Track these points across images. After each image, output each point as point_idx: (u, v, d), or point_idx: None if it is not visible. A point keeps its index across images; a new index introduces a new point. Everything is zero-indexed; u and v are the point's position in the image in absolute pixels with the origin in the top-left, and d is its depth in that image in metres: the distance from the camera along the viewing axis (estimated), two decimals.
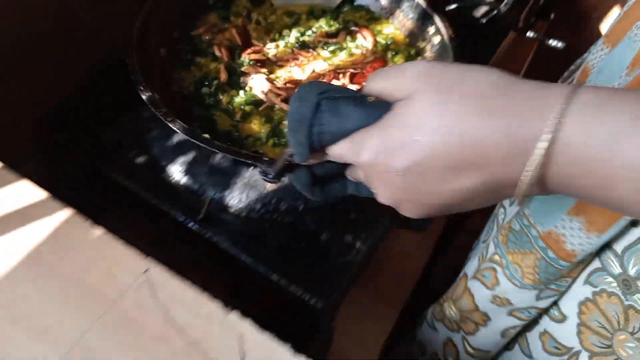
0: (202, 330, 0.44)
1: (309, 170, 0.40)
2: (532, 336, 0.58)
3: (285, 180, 0.45)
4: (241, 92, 0.68)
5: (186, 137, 0.54)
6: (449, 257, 0.99)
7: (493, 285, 0.57)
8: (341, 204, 0.63)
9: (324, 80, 0.69)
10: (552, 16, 1.01)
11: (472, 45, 0.87)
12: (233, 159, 0.60)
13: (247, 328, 0.45)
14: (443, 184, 0.32)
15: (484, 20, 0.78)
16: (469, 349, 0.66)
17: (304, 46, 0.74)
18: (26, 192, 0.51)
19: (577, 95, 0.29)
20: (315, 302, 0.55)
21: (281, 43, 0.74)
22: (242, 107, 0.66)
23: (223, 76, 0.68)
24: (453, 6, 0.74)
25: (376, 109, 0.34)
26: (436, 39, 0.71)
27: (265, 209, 0.61)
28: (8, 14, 0.63)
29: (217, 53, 0.71)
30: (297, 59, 0.72)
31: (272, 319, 0.71)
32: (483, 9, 0.84)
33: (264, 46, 0.74)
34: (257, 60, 0.71)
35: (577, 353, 0.51)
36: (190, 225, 0.60)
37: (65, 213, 0.50)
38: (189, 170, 0.63)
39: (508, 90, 0.30)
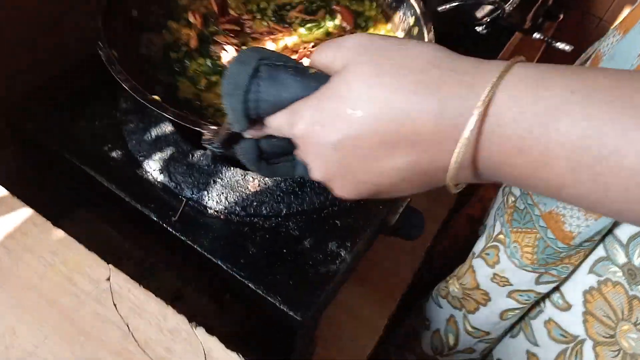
0: (165, 347, 0.41)
1: (256, 144, 0.38)
2: (537, 323, 0.58)
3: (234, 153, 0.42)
4: (209, 62, 0.64)
5: (139, 100, 0.50)
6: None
7: (494, 263, 0.58)
8: (327, 209, 0.60)
9: (295, 57, 0.65)
10: (560, 17, 0.97)
11: (472, 46, 0.83)
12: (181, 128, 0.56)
13: (213, 345, 0.42)
14: (374, 161, 0.31)
15: (487, 20, 0.74)
16: (468, 327, 0.66)
17: (280, 20, 0.71)
18: None
19: (512, 70, 0.27)
20: (294, 314, 0.52)
21: (258, 16, 0.71)
22: (208, 76, 0.63)
23: (193, 43, 0.65)
24: (451, 5, 0.70)
25: (317, 80, 0.33)
26: (415, 30, 0.66)
27: (246, 211, 0.58)
28: None
29: (191, 19, 0.68)
30: (273, 34, 0.69)
31: (250, 327, 0.68)
32: (486, 9, 0.80)
33: (240, 17, 0.70)
34: (230, 31, 0.67)
35: (582, 341, 0.52)
36: (164, 226, 0.56)
37: (26, 212, 0.46)
38: (166, 168, 0.59)
39: (444, 65, 0.29)
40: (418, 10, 0.64)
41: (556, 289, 0.54)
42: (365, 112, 0.29)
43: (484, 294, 0.60)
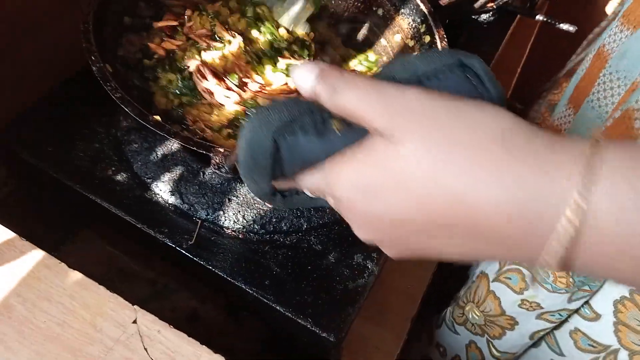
0: None
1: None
2: (562, 334, 0.57)
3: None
4: (180, 80, 0.59)
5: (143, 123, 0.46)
6: None
7: (521, 289, 0.56)
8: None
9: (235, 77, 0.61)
10: None
11: (476, 34, 0.81)
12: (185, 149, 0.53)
13: None
14: (430, 238, 0.28)
15: (494, 6, 0.71)
16: (495, 352, 0.64)
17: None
18: None
19: (600, 154, 0.23)
20: (327, 335, 0.50)
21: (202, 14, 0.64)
22: (180, 96, 0.58)
23: (160, 51, 0.60)
24: None
25: (344, 139, 0.29)
26: (426, 38, 0.63)
27: (265, 229, 0.55)
28: None
29: (160, 24, 0.62)
30: (217, 40, 0.63)
31: (274, 347, 0.66)
32: None
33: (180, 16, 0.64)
34: (166, 29, 0.62)
35: (616, 351, 0.50)
36: (180, 250, 0.53)
37: (36, 254, 0.43)
38: (176, 189, 0.56)
39: (508, 141, 0.25)
40: (429, 18, 0.61)
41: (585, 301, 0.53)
42: (415, 189, 0.26)
43: (511, 319, 0.58)
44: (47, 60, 0.68)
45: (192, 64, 0.59)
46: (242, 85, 0.60)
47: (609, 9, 1.18)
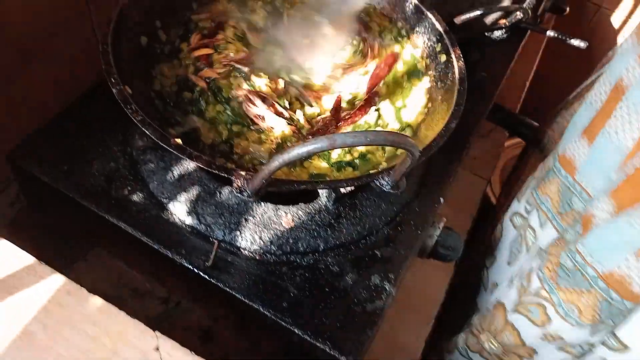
0: None
1: None
2: None
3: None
4: (228, 110, 0.58)
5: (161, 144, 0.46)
6: None
7: (543, 322, 0.55)
8: (365, 239, 0.57)
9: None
10: (567, 10, 0.95)
11: (489, 51, 0.81)
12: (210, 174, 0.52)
13: None
14: None
15: (507, 24, 0.71)
16: None
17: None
18: (8, 255, 0.44)
19: None
20: (346, 358, 0.49)
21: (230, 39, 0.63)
22: (229, 125, 0.57)
23: (201, 83, 0.58)
24: (471, 15, 0.66)
25: None
26: (442, 57, 0.62)
27: (282, 250, 0.55)
28: None
29: (193, 55, 0.60)
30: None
31: None
32: (495, 15, 0.77)
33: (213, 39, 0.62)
34: (203, 58, 0.60)
35: None
36: (198, 272, 0.53)
37: (57, 280, 0.43)
38: (193, 209, 0.55)
39: None
40: (445, 37, 0.61)
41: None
42: None
43: (531, 350, 0.58)
44: (59, 78, 0.68)
45: (240, 92, 0.58)
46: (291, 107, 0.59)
47: (616, 24, 1.18)
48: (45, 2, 0.62)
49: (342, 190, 0.56)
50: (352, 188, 0.56)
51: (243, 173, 0.42)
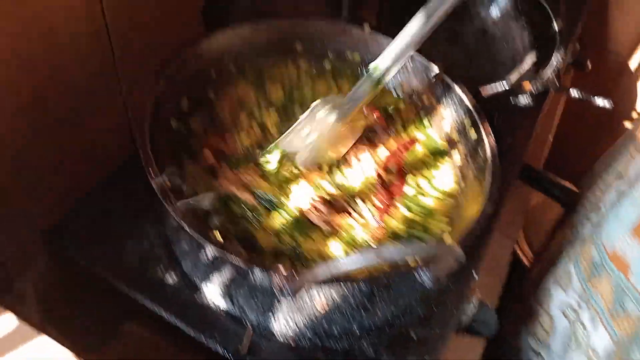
0: None
1: None
2: None
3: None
4: (286, 214, 0.56)
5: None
6: None
7: None
8: (400, 320, 0.56)
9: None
10: (589, 66, 0.95)
11: (510, 115, 0.80)
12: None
13: None
14: None
15: (532, 90, 0.72)
16: None
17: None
18: (44, 349, 0.44)
19: None
20: None
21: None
22: (289, 231, 0.56)
23: (250, 200, 0.56)
24: (497, 90, 0.66)
25: None
26: (472, 133, 0.62)
27: (317, 334, 0.54)
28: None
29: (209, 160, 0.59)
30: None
31: None
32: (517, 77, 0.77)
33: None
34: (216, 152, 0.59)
35: None
36: (231, 359, 0.52)
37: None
38: (227, 291, 0.55)
39: None
40: (474, 112, 0.61)
41: None
42: None
43: None
44: (90, 150, 0.69)
45: (303, 202, 0.57)
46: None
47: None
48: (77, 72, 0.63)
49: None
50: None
51: (284, 272, 0.42)
